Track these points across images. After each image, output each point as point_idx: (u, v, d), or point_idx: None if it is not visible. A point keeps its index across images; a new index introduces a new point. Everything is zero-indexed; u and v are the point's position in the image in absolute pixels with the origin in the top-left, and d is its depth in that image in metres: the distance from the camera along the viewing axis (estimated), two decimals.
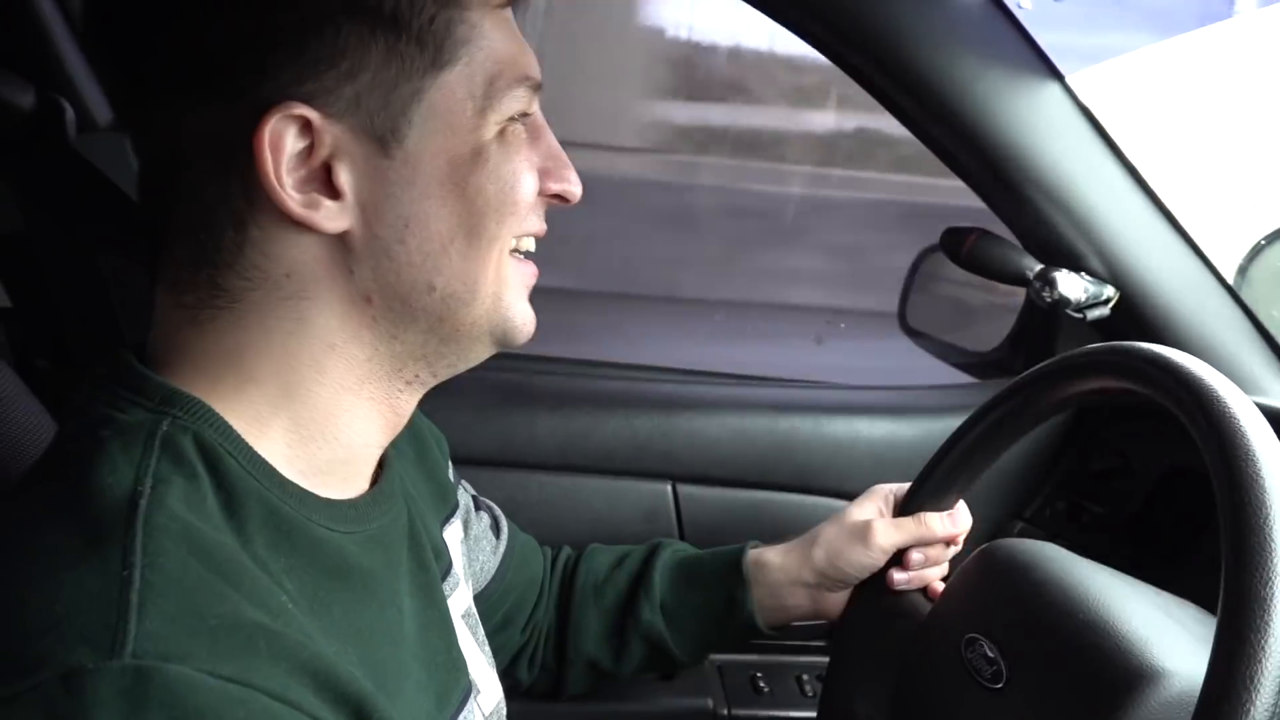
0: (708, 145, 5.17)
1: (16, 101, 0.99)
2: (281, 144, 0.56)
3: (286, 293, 0.59)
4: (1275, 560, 0.58)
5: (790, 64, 4.99)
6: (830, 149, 5.16)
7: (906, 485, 1.00)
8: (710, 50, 5.31)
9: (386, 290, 0.60)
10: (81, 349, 1.21)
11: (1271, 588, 0.58)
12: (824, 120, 5.16)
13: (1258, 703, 0.55)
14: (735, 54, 5.21)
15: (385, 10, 0.56)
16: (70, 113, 1.03)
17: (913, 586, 0.98)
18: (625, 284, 4.15)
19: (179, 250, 0.60)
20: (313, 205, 0.57)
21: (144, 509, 0.52)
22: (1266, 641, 0.57)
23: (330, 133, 0.57)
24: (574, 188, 0.66)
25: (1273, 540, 0.59)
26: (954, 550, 1.00)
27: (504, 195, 0.61)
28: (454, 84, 0.59)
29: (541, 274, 0.69)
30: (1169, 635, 0.74)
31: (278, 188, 0.56)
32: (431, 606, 0.72)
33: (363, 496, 0.66)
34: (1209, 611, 0.82)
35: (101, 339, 1.18)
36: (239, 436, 0.58)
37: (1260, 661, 0.56)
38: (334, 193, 0.58)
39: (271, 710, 0.49)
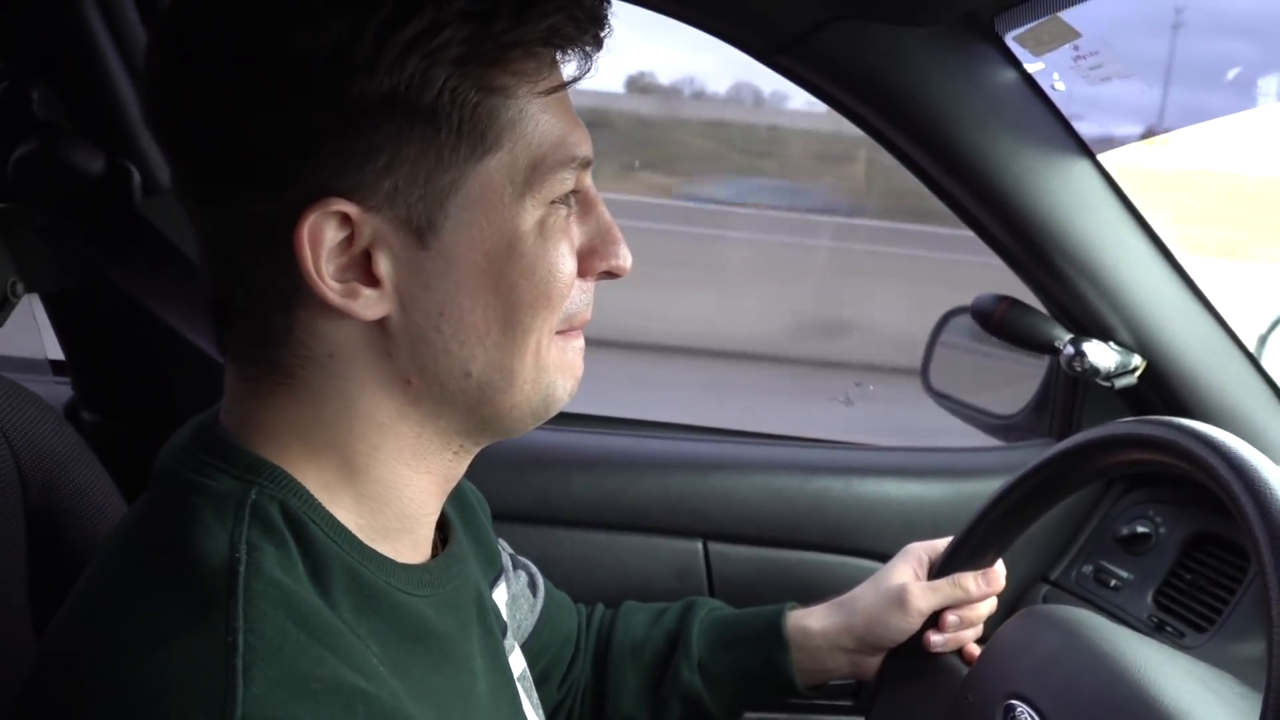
0: None
1: (88, 167, 1.02)
2: (321, 236, 0.56)
3: (330, 372, 0.60)
4: None
5: None
6: None
7: (940, 542, 1.02)
8: None
9: (425, 374, 0.61)
10: (130, 405, 1.24)
11: None
12: None
13: None
14: None
15: (424, 104, 0.56)
16: (136, 177, 1.06)
17: (949, 648, 0.99)
18: None
19: (238, 325, 0.62)
20: (351, 294, 0.58)
21: (243, 575, 0.54)
22: None
23: (369, 224, 0.57)
24: (622, 262, 0.65)
25: None
26: (989, 611, 1.01)
27: (539, 289, 0.61)
28: (494, 171, 0.59)
29: None
30: (1209, 707, 0.75)
31: (316, 279, 0.57)
32: (499, 670, 0.73)
33: (435, 560, 0.68)
34: (1243, 682, 0.84)
35: (151, 396, 1.21)
36: (320, 504, 0.60)
37: None
38: (373, 280, 0.58)
39: None
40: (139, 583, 0.56)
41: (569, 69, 0.62)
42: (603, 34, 0.62)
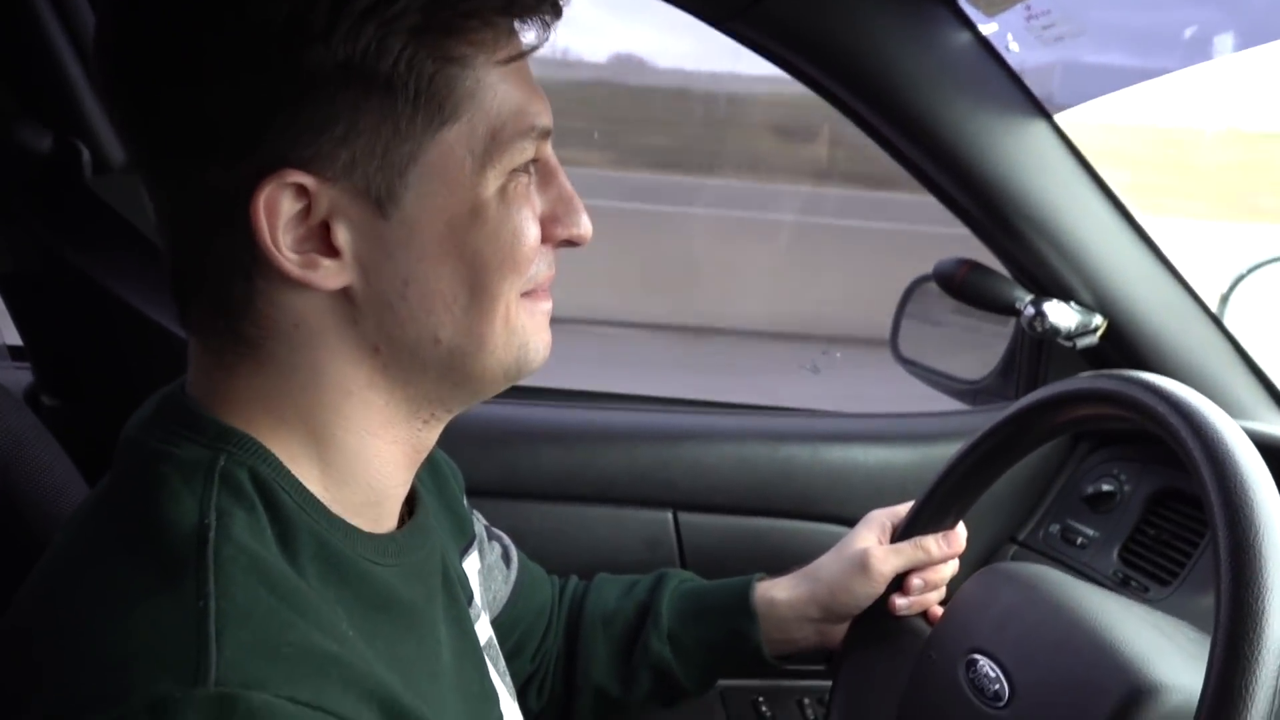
0: None
1: (35, 146, 1.01)
2: (277, 207, 0.56)
3: (296, 342, 0.60)
4: (1268, 576, 0.61)
5: None
6: None
7: (902, 508, 1.02)
8: None
9: (392, 342, 0.61)
10: (91, 388, 1.23)
11: (1264, 602, 0.60)
12: None
13: (1253, 712, 0.58)
14: None
15: (380, 74, 0.55)
16: (86, 155, 1.05)
17: (914, 611, 1.00)
18: None
19: (200, 298, 0.61)
20: (310, 265, 0.58)
21: (213, 541, 0.54)
22: (1261, 654, 0.59)
23: (326, 195, 0.57)
24: (583, 230, 0.66)
25: (1265, 557, 0.62)
26: (951, 573, 1.02)
27: (504, 254, 0.61)
28: (453, 141, 0.59)
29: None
30: (1165, 652, 0.76)
31: (274, 250, 0.57)
32: (464, 638, 0.73)
33: (401, 530, 0.68)
34: (1200, 629, 0.85)
35: (111, 378, 1.20)
36: (290, 472, 0.60)
37: (1255, 673, 0.59)
38: (332, 251, 0.58)
39: None
40: (108, 550, 0.56)
41: (528, 37, 0.62)
42: (561, 2, 0.62)
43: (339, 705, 0.51)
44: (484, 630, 0.82)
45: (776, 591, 1.03)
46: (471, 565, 0.87)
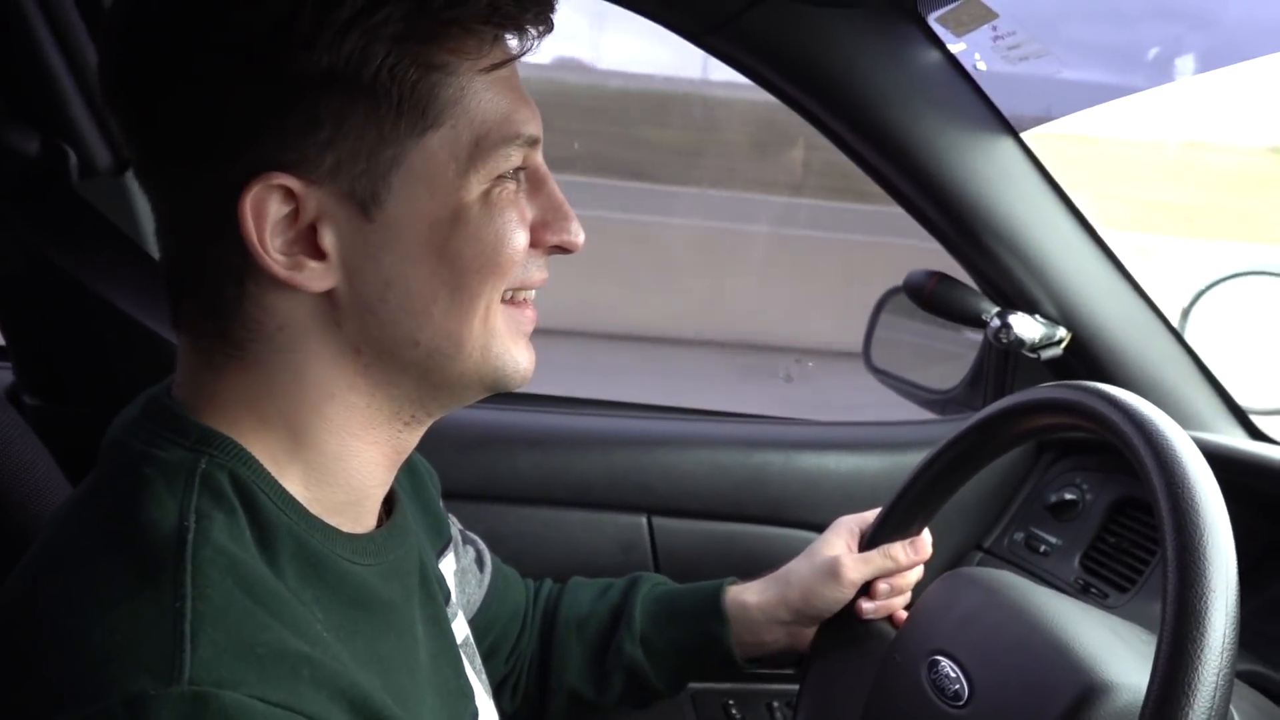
0: None
1: (22, 149, 1.02)
2: (265, 210, 0.57)
3: (280, 345, 0.62)
4: (1210, 578, 0.64)
5: None
6: None
7: (870, 514, 1.04)
8: None
9: (373, 344, 0.62)
10: (73, 388, 1.23)
11: (1206, 602, 0.63)
12: None
13: (1195, 708, 0.61)
14: None
15: (364, 80, 0.57)
16: (73, 159, 1.06)
17: (880, 615, 1.02)
18: None
19: (192, 300, 0.63)
20: (297, 267, 0.59)
21: (191, 543, 0.55)
22: (1203, 652, 0.62)
23: (313, 198, 0.58)
24: (573, 237, 0.66)
25: (1208, 559, 0.65)
26: (916, 578, 1.04)
27: (485, 256, 0.62)
28: (437, 147, 0.59)
29: None
30: (1118, 653, 0.79)
31: (261, 253, 0.58)
32: (441, 636, 0.75)
33: (379, 530, 0.69)
34: (1153, 632, 0.88)
35: (94, 379, 1.21)
36: (269, 474, 0.61)
37: (1198, 670, 0.62)
38: (319, 253, 0.59)
39: None
40: (88, 550, 0.57)
41: (512, 45, 0.63)
42: (547, 12, 0.63)
43: (309, 705, 0.52)
44: (461, 628, 0.84)
45: (747, 595, 1.04)
46: (448, 566, 0.89)
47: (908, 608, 1.04)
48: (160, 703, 0.49)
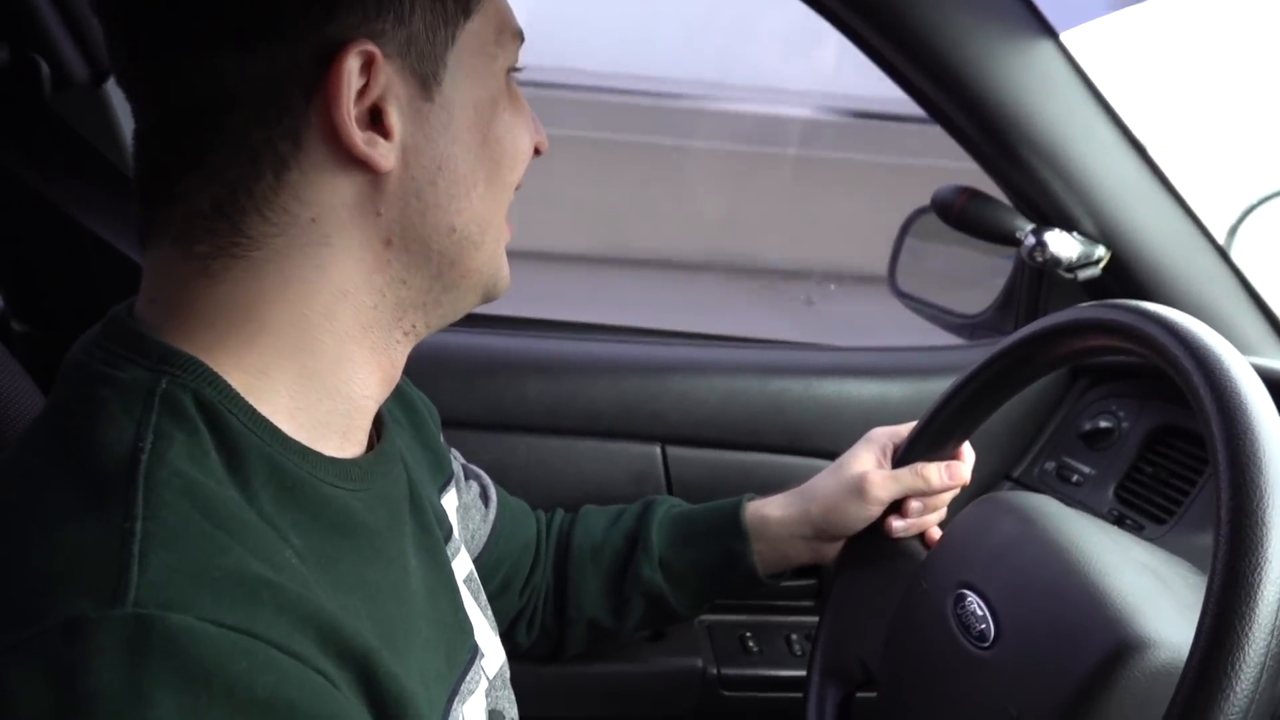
0: None
1: None
2: (347, 83, 0.56)
3: (310, 238, 0.59)
4: (1271, 514, 0.59)
5: None
6: None
7: (904, 428, 1.00)
8: None
9: (409, 232, 0.61)
10: (61, 312, 1.20)
11: (1268, 544, 0.58)
12: None
13: (1238, 689, 0.56)
14: None
15: None
16: (45, 70, 1.00)
17: (911, 533, 0.99)
18: None
19: (197, 199, 0.58)
20: (371, 144, 0.58)
21: (145, 464, 0.52)
22: (1259, 596, 0.57)
23: (385, 73, 0.58)
24: (544, 139, 0.69)
25: (1268, 496, 0.59)
26: (952, 496, 1.00)
27: (515, 143, 0.64)
28: (477, 29, 0.61)
29: None
30: (1159, 603, 0.73)
31: (349, 124, 0.57)
32: (437, 569, 0.72)
33: (365, 456, 0.66)
34: (1197, 569, 0.83)
35: (81, 302, 1.16)
36: (238, 395, 0.58)
37: (1252, 620, 0.56)
38: (384, 133, 0.59)
39: (274, 660, 0.49)
40: (36, 473, 0.54)
41: None
42: None
43: (270, 630, 0.49)
44: (463, 565, 0.81)
45: (768, 510, 1.02)
46: (450, 502, 0.86)
47: (942, 525, 0.99)
48: (99, 626, 0.46)
